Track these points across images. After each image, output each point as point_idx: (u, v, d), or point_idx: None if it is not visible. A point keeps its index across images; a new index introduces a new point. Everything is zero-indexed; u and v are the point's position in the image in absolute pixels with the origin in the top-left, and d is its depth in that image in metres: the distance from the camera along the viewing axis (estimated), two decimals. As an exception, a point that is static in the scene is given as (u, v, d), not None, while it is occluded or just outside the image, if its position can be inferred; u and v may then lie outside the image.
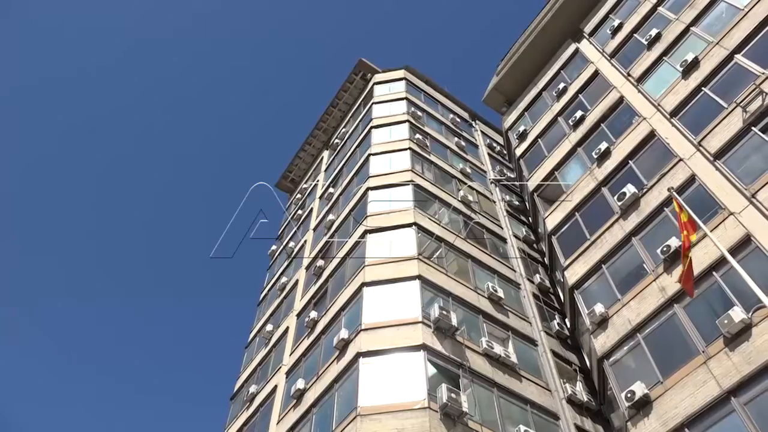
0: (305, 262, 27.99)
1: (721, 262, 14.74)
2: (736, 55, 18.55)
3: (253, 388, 24.09)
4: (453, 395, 15.11)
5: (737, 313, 13.68)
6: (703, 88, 19.12)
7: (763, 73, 17.08)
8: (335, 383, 17.98)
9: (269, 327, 26.87)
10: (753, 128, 16.43)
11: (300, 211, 34.75)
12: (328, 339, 20.27)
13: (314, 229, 29.93)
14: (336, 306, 21.20)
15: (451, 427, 14.77)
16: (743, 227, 15.13)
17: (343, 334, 18.81)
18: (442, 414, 14.91)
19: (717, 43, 19.55)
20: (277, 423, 20.36)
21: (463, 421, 15.09)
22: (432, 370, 16.27)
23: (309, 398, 19.04)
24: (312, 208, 32.58)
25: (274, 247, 35.50)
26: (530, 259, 25.29)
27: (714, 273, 15.05)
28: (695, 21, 21.32)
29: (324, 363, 19.51)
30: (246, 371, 26.77)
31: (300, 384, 19.82)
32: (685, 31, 21.49)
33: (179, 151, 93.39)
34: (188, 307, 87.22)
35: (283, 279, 29.38)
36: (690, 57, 20.13)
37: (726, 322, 13.77)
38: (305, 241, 30.10)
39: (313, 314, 22.46)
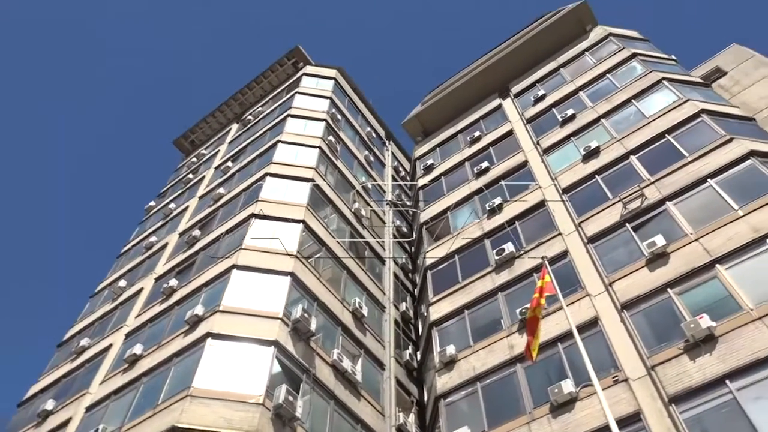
0: (181, 227, 26.86)
1: (567, 335, 15.83)
2: (631, 156, 20.23)
3: (85, 341, 22.61)
4: (290, 398, 14.99)
5: (568, 385, 14.73)
6: (596, 176, 20.64)
7: (648, 179, 18.75)
8: (175, 357, 17.28)
9: (122, 283, 25.42)
10: (627, 224, 17.93)
11: (191, 176, 33.36)
12: (181, 311, 19.49)
13: (200, 197, 28.83)
14: (199, 280, 20.47)
15: (279, 428, 14.62)
16: (594, 310, 16.40)
17: (199, 310, 18.17)
18: (275, 414, 14.73)
19: (619, 140, 21.24)
20: (101, 383, 19.23)
21: (293, 425, 14.99)
22: (277, 369, 16.07)
23: (143, 366, 18.16)
24: (204, 176, 31.40)
25: (152, 203, 33.77)
26: (402, 286, 25.85)
27: (558, 344, 16.14)
28: (607, 114, 23.06)
29: (170, 334, 18.72)
30: (83, 322, 25.09)
31: (137, 349, 18.87)
32: (596, 121, 23.17)
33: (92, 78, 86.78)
34: (37, 240, 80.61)
35: (153, 238, 27.97)
36: (593, 145, 21.71)
37: (556, 390, 14.78)
38: (187, 207, 28.90)
39: (173, 282, 21.53)
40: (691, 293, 14.91)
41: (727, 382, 12.63)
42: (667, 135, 19.87)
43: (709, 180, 17.20)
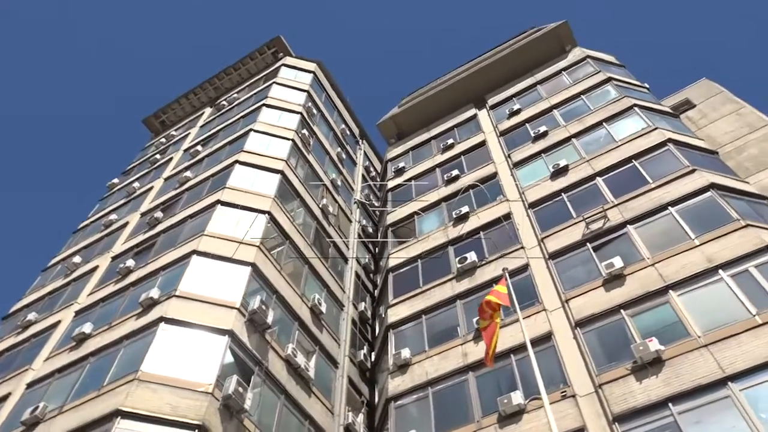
0: (144, 207, 26.34)
1: (520, 348, 16.04)
2: (598, 177, 20.65)
3: (32, 316, 21.97)
4: (240, 389, 14.82)
5: (517, 397, 14.93)
6: (562, 194, 21.00)
7: (612, 202, 19.16)
8: (126, 339, 16.95)
9: (77, 259, 24.79)
10: (588, 244, 18.29)
11: (158, 156, 32.73)
12: (135, 293, 19.12)
13: (166, 179, 28.31)
14: (158, 263, 20.11)
15: (226, 419, 14.44)
16: (549, 325, 16.67)
17: (154, 293, 17.85)
18: (223, 404, 14.54)
19: (587, 161, 21.66)
20: (45, 359, 18.72)
21: (240, 417, 14.83)
22: (229, 359, 15.87)
23: (91, 345, 17.76)
24: (172, 158, 30.86)
25: (116, 180, 33.04)
26: (363, 286, 25.83)
27: (512, 355, 16.35)
28: (578, 135, 23.49)
29: (122, 316, 18.36)
30: (32, 295, 24.37)
31: (87, 328, 18.44)
32: (567, 140, 23.58)
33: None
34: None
35: (113, 216, 27.36)
36: (563, 163, 22.08)
37: (505, 401, 14.96)
38: (151, 187, 28.36)
39: (130, 263, 21.10)
40: (643, 316, 15.29)
41: (670, 405, 12.98)
42: (633, 160, 20.35)
43: (669, 208, 17.67)
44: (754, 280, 14.38)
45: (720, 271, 15.01)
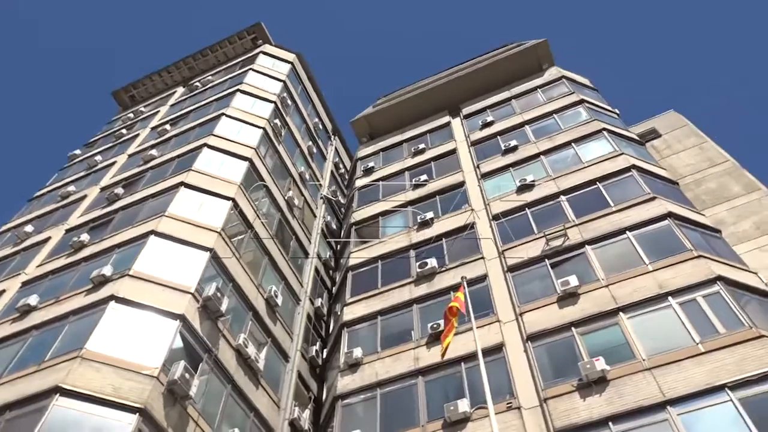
0: (104, 182, 25.71)
1: (471, 357, 16.19)
2: (562, 196, 21.02)
3: (-24, 283, 21.16)
4: (187, 375, 14.58)
5: (463, 405, 15.06)
6: (526, 209, 21.30)
7: (573, 221, 19.54)
8: (72, 315, 16.51)
9: (29, 228, 24.02)
10: (546, 260, 18.60)
11: (124, 131, 31.95)
12: (87, 268, 18.62)
13: (130, 156, 27.69)
14: (113, 240, 19.66)
15: (169, 405, 14.18)
16: (502, 336, 16.89)
17: (107, 270, 17.43)
18: (167, 389, 14.28)
19: (553, 179, 22.03)
20: (-15, 330, 18.04)
21: (184, 404, 14.58)
22: (178, 344, 15.60)
23: (35, 318, 17.24)
24: (138, 135, 30.20)
25: (77, 152, 32.14)
26: (321, 282, 25.73)
27: (462, 363, 16.50)
28: (547, 152, 23.87)
29: (71, 290, 17.89)
30: (-23, 262, 23.46)
31: (33, 300, 17.89)
32: (536, 156, 23.94)
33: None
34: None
35: (71, 188, 26.62)
36: (529, 178, 22.41)
37: (452, 408, 15.08)
38: (114, 162, 27.70)
39: (85, 237, 20.58)
40: (593, 335, 15.62)
41: (610, 424, 13.28)
42: (598, 182, 20.79)
43: (627, 232, 18.10)
44: (701, 310, 14.84)
45: (670, 297, 15.45)
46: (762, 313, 14.87)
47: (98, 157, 29.13)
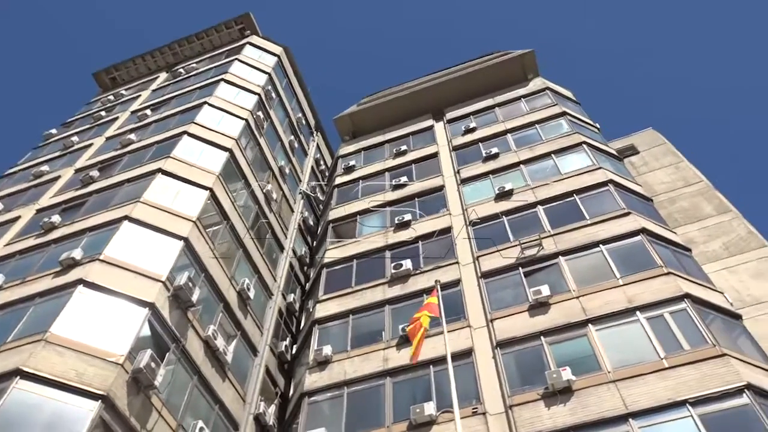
0: (80, 164, 25.26)
1: (441, 360, 16.23)
2: (539, 206, 21.20)
3: (-61, 259, 20.62)
4: (153, 364, 14.38)
5: (430, 408, 15.12)
6: (503, 217, 21.45)
7: (548, 231, 19.74)
8: (38, 297, 16.20)
9: (-1, 206, 23.49)
10: (520, 269, 18.77)
11: (103, 113, 31.42)
12: (57, 250, 18.29)
13: (108, 138, 27.26)
14: (85, 223, 19.34)
15: (133, 393, 13.97)
16: (472, 341, 16.99)
17: (77, 254, 17.13)
18: (132, 377, 14.07)
19: (531, 189, 22.19)
20: (-53, 307, 17.58)
21: (148, 393, 14.39)
22: (146, 332, 15.39)
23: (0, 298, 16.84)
24: (118, 118, 29.72)
25: (54, 131, 31.51)
26: (295, 277, 25.61)
27: (431, 366, 16.55)
28: (527, 162, 24.06)
29: (38, 272, 17.55)
30: (-57, 237, 22.87)
31: (-2, 279, 17.49)
32: (516, 165, 24.13)
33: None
34: None
35: (44, 167, 26.10)
36: (508, 186, 22.57)
37: (418, 411, 15.13)
38: (91, 144, 27.24)
39: (56, 218, 20.20)
40: (561, 345, 15.80)
41: (573, 433, 13.46)
42: (575, 195, 21.03)
43: (601, 245, 18.35)
44: (668, 326, 15.11)
45: (638, 312, 15.69)
46: (726, 332, 15.20)
47: (75, 138, 28.61)
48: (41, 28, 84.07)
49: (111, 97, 34.21)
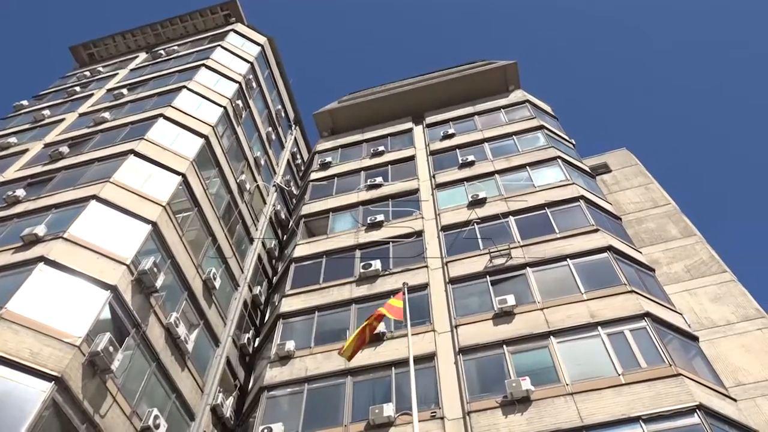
0: (49, 138, 24.68)
1: (402, 362, 16.28)
2: (510, 216, 21.40)
3: None
4: (111, 348, 14.12)
5: (389, 409, 15.15)
6: (475, 224, 21.62)
7: (518, 242, 19.96)
8: (-4, 272, 15.71)
9: (-39, 176, 22.76)
10: (487, 277, 18.94)
11: (78, 89, 30.76)
12: (18, 226, 17.83)
13: (81, 115, 26.68)
14: (51, 200, 18.90)
15: (88, 376, 13.69)
16: (435, 346, 17.07)
17: (40, 230, 16.72)
18: (89, 360, 13.78)
19: (504, 199, 22.41)
20: None
21: (104, 377, 14.11)
22: (106, 315, 15.10)
23: (-45, 271, 16.31)
24: (93, 95, 29.12)
25: (24, 102, 30.75)
26: (263, 270, 25.40)
27: (392, 368, 16.59)
28: (502, 172, 24.28)
29: (-2, 246, 17.03)
30: None
31: (-45, 251, 16.94)
32: (491, 174, 24.34)
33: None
34: None
35: (12, 139, 25.43)
36: (482, 195, 22.76)
37: (377, 411, 15.15)
38: (63, 119, 26.64)
39: (20, 192, 19.70)
40: (522, 355, 16.00)
41: (528, 443, 13.63)
42: (546, 208, 21.31)
43: (568, 260, 18.62)
44: (627, 343, 15.41)
45: (599, 327, 15.97)
46: (682, 353, 15.58)
47: (46, 112, 27.93)
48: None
49: (87, 73, 33.49)
